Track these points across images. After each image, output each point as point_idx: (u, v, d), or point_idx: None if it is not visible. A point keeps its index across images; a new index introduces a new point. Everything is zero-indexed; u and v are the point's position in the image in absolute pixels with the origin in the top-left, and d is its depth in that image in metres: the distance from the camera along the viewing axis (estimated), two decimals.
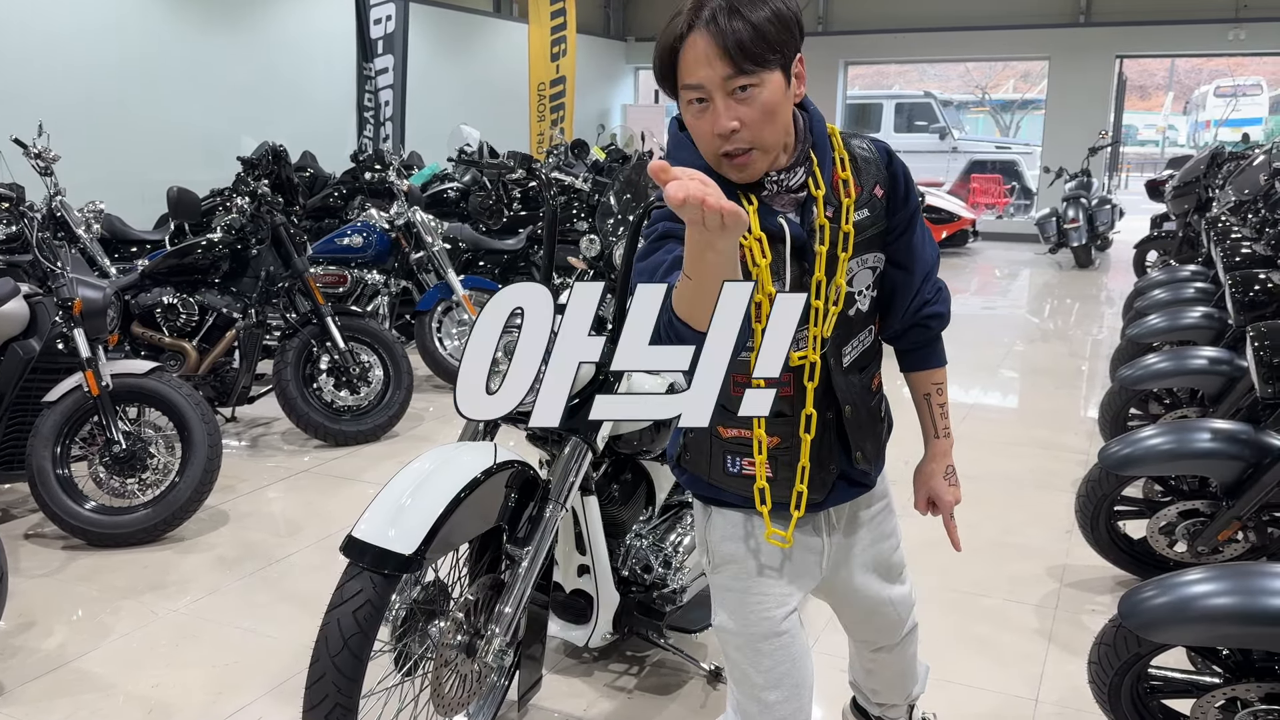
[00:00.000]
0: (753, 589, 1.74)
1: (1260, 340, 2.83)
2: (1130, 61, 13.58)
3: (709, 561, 1.79)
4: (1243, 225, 5.22)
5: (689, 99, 1.43)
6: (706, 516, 1.77)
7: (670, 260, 1.42)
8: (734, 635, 1.76)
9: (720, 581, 1.78)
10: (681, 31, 1.40)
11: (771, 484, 1.64)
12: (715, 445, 1.68)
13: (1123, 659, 2.18)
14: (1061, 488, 4.36)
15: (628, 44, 15.80)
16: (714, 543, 1.76)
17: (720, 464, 1.68)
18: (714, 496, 1.74)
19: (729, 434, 1.65)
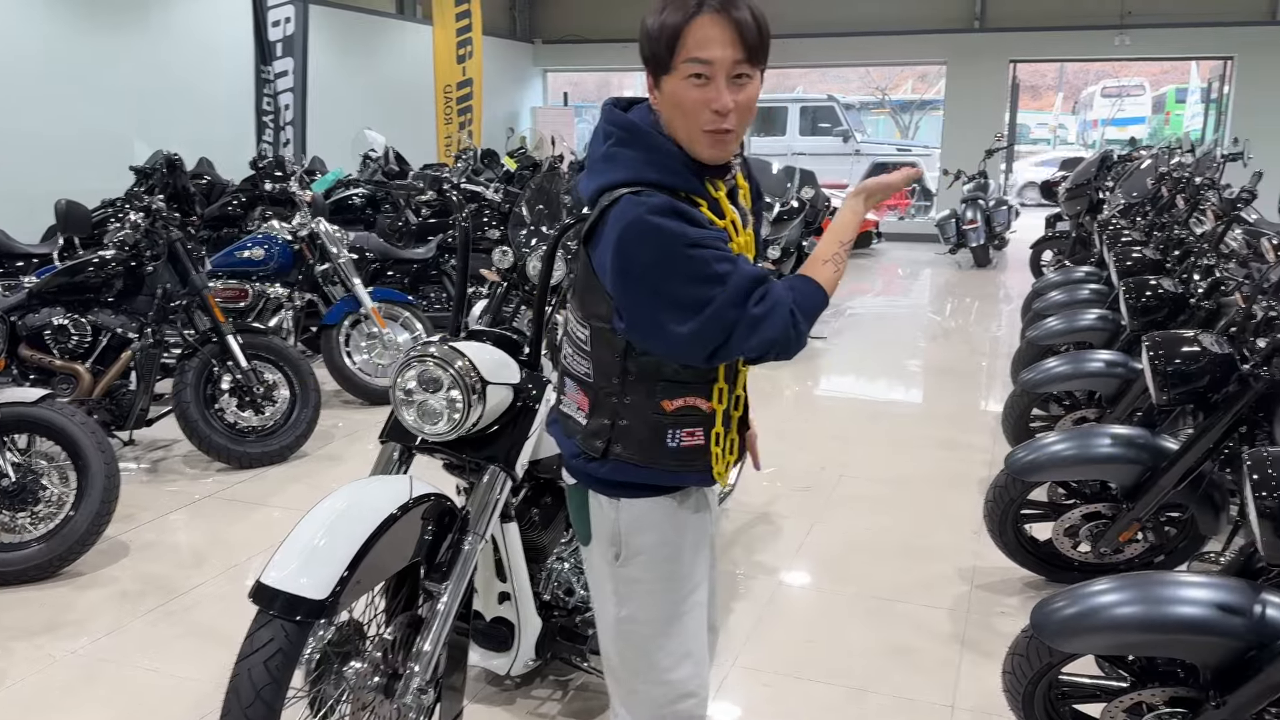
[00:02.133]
0: (671, 575, 1.80)
1: (1155, 350, 2.94)
2: (1022, 64, 14.03)
3: (617, 556, 1.80)
4: (1133, 228, 5.45)
5: (692, 72, 1.56)
6: (615, 510, 1.78)
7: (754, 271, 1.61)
8: (642, 625, 1.81)
9: (629, 574, 1.81)
10: (694, 10, 1.54)
11: (703, 451, 1.74)
12: (656, 422, 1.71)
13: (1035, 668, 2.25)
14: (968, 487, 4.48)
15: (535, 46, 15.69)
16: (626, 534, 1.78)
17: (660, 442, 1.72)
18: (637, 482, 1.76)
19: (674, 406, 1.70)
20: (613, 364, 1.71)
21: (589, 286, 1.70)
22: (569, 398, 1.83)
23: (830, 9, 13.58)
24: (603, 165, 1.67)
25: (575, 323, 1.78)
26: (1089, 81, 27.55)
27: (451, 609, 2.15)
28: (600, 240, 1.64)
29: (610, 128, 1.68)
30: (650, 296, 1.58)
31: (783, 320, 1.59)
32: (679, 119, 1.60)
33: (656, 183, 1.61)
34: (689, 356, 1.63)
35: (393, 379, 2.28)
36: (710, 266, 1.55)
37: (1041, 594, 3.42)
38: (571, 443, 1.81)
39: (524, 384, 2.37)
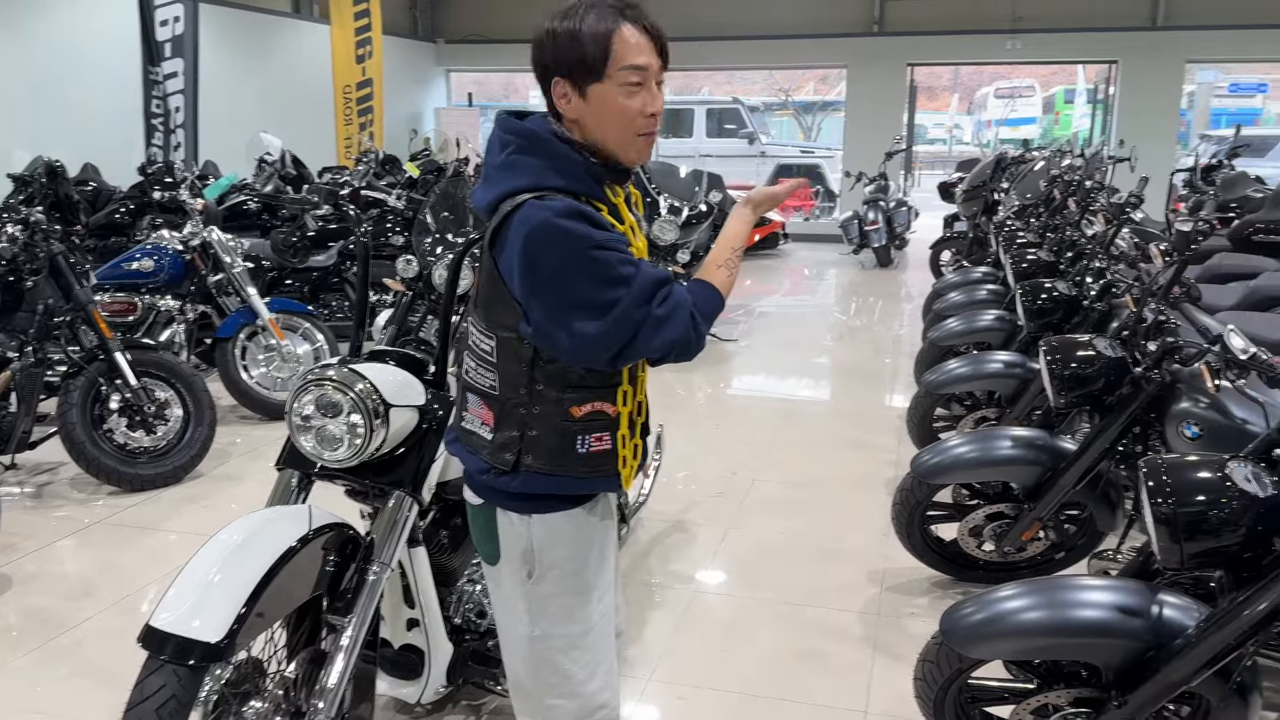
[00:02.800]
0: (582, 588, 1.81)
1: (1052, 354, 3.03)
2: (919, 67, 14.38)
3: (530, 573, 1.79)
4: (1027, 230, 5.62)
5: (631, 80, 1.62)
6: (527, 526, 1.77)
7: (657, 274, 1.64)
8: (556, 640, 1.81)
9: (543, 590, 1.80)
10: (618, 18, 1.60)
11: (611, 456, 1.75)
12: (565, 429, 1.71)
13: (946, 674, 2.28)
14: (876, 488, 4.55)
15: (438, 46, 15.45)
16: (539, 551, 1.77)
17: (570, 449, 1.71)
18: (548, 493, 1.75)
19: (582, 411, 1.70)
20: (520, 374, 1.70)
21: (495, 295, 1.69)
22: (471, 413, 1.80)
23: (734, 13, 13.71)
24: (502, 173, 1.67)
25: (479, 335, 1.76)
26: (983, 83, 28.41)
27: (356, 641, 2.08)
28: (505, 246, 1.63)
29: (508, 136, 1.69)
30: (557, 299, 1.59)
31: (685, 321, 1.63)
32: (612, 125, 1.65)
33: (560, 188, 1.63)
34: (594, 358, 1.63)
35: (289, 404, 2.18)
36: (615, 269, 1.58)
37: (949, 593, 3.50)
38: (477, 459, 1.78)
39: (429, 405, 2.30)
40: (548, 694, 1.85)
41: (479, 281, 1.76)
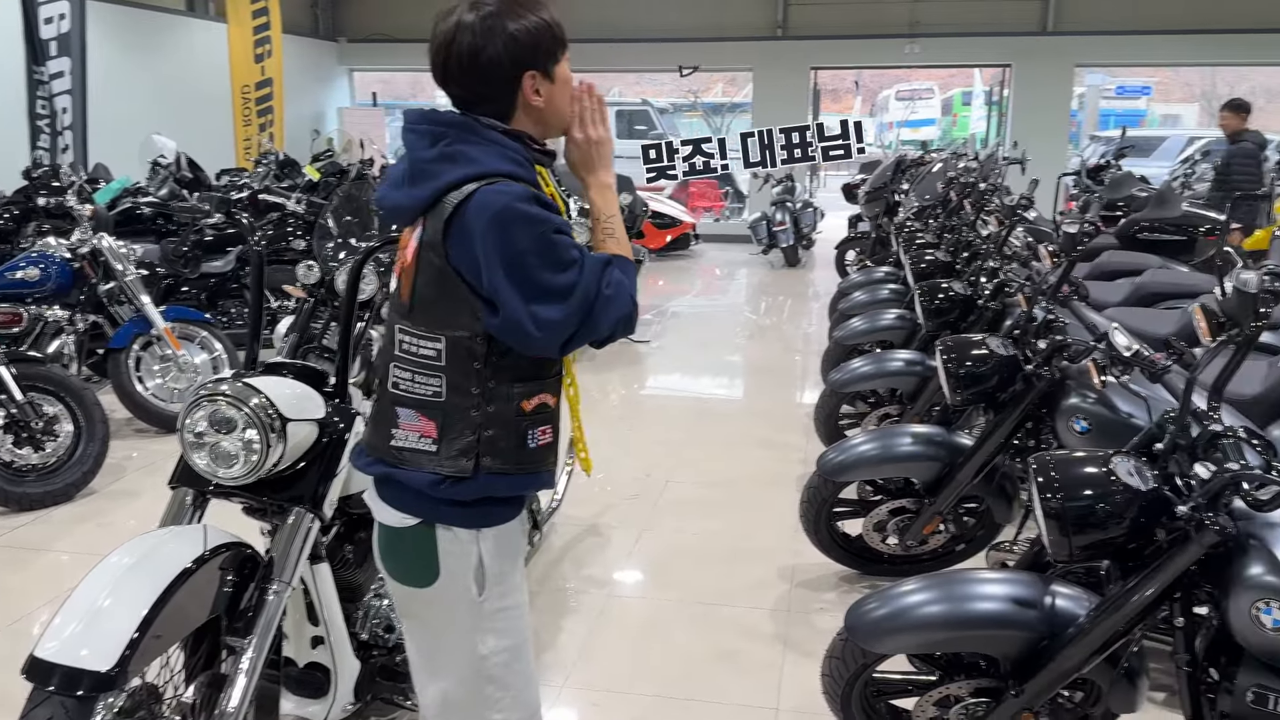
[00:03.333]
0: (520, 596, 1.81)
1: (947, 354, 3.12)
2: (822, 70, 14.65)
3: (481, 590, 1.74)
4: (925, 230, 5.77)
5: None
6: (475, 542, 1.73)
7: (601, 255, 1.67)
8: (501, 654, 1.78)
9: (493, 606, 1.76)
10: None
11: (552, 449, 1.76)
12: (518, 424, 1.70)
13: (851, 669, 2.33)
14: (786, 486, 4.62)
15: (340, 44, 15.13)
16: (490, 565, 1.74)
17: (524, 444, 1.70)
18: (499, 496, 1.72)
19: (531, 405, 1.70)
20: (472, 374, 1.66)
21: (443, 294, 1.64)
22: (404, 429, 1.70)
23: (643, 15, 13.76)
24: (442, 165, 1.63)
25: (417, 340, 1.68)
26: (884, 85, 29.08)
27: (257, 663, 2.02)
28: (463, 238, 1.59)
29: (440, 128, 1.66)
30: (525, 285, 1.57)
31: (627, 296, 1.65)
32: (566, 102, 1.72)
33: (509, 174, 1.61)
34: (552, 344, 1.62)
35: (180, 420, 2.11)
36: (570, 251, 1.60)
37: (856, 588, 3.57)
38: (423, 474, 1.69)
39: (329, 418, 2.25)
40: (491, 710, 1.80)
41: (411, 285, 1.68)
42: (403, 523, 1.75)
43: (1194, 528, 1.79)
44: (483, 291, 1.60)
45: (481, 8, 1.63)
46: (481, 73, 1.63)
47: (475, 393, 1.66)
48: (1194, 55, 13.74)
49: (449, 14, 1.66)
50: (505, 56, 1.62)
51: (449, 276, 1.62)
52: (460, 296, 1.63)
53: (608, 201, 1.77)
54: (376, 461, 1.76)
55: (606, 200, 1.76)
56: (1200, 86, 26.44)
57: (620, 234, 1.76)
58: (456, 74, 1.65)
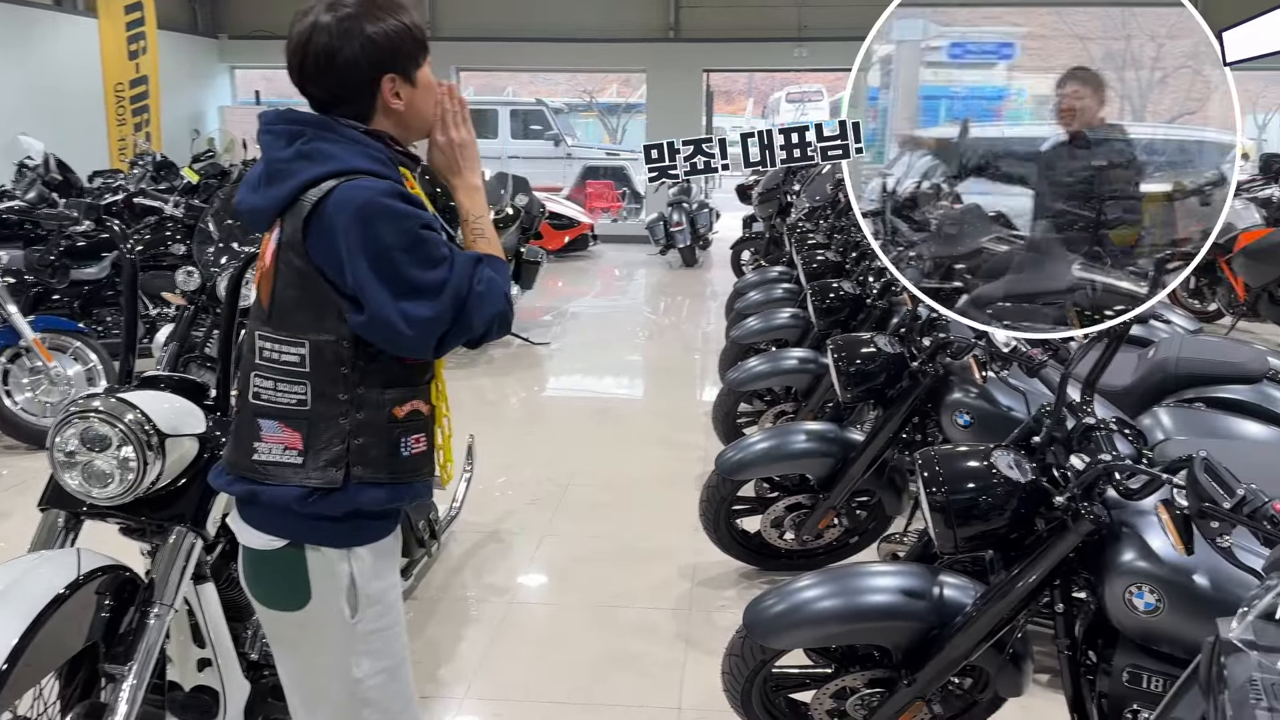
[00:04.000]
0: (395, 614, 1.75)
1: (838, 353, 3.20)
2: (714, 72, 14.84)
3: (354, 612, 1.68)
4: (816, 231, 5.90)
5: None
6: (347, 560, 1.67)
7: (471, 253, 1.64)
8: (378, 675, 1.73)
9: (369, 627, 1.71)
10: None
11: (428, 457, 1.72)
12: (390, 431, 1.65)
13: (750, 666, 2.35)
14: (686, 485, 4.65)
15: (220, 41, 14.61)
16: (363, 586, 1.68)
17: (396, 453, 1.66)
18: (372, 510, 1.67)
19: (404, 411, 1.66)
20: (339, 380, 1.60)
21: (305, 297, 1.59)
22: (267, 441, 1.63)
23: (536, 15, 13.68)
24: (300, 163, 1.59)
25: (278, 347, 1.62)
26: (775, 88, 29.62)
27: (139, 691, 1.94)
28: (323, 234, 1.55)
29: (297, 127, 1.62)
30: (392, 281, 1.53)
31: (500, 293, 1.62)
32: (429, 105, 1.69)
33: (371, 172, 1.58)
34: (426, 345, 1.59)
35: (50, 439, 2.00)
36: (440, 249, 1.56)
37: (755, 584, 3.63)
38: (288, 487, 1.63)
39: (211, 432, 2.17)
40: None
41: (270, 289, 1.63)
42: (268, 545, 1.67)
43: (1070, 517, 1.87)
44: (347, 290, 1.56)
45: (339, 9, 1.59)
46: (338, 74, 1.60)
47: (343, 399, 1.61)
48: None
49: (305, 14, 1.61)
50: (363, 59, 1.60)
51: (310, 277, 1.58)
52: (323, 298, 1.58)
53: (475, 203, 1.74)
54: (238, 479, 1.68)
55: (474, 201, 1.74)
56: None
57: (490, 234, 1.73)
58: (313, 75, 1.62)
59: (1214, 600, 1.71)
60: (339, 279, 1.56)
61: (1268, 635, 0.94)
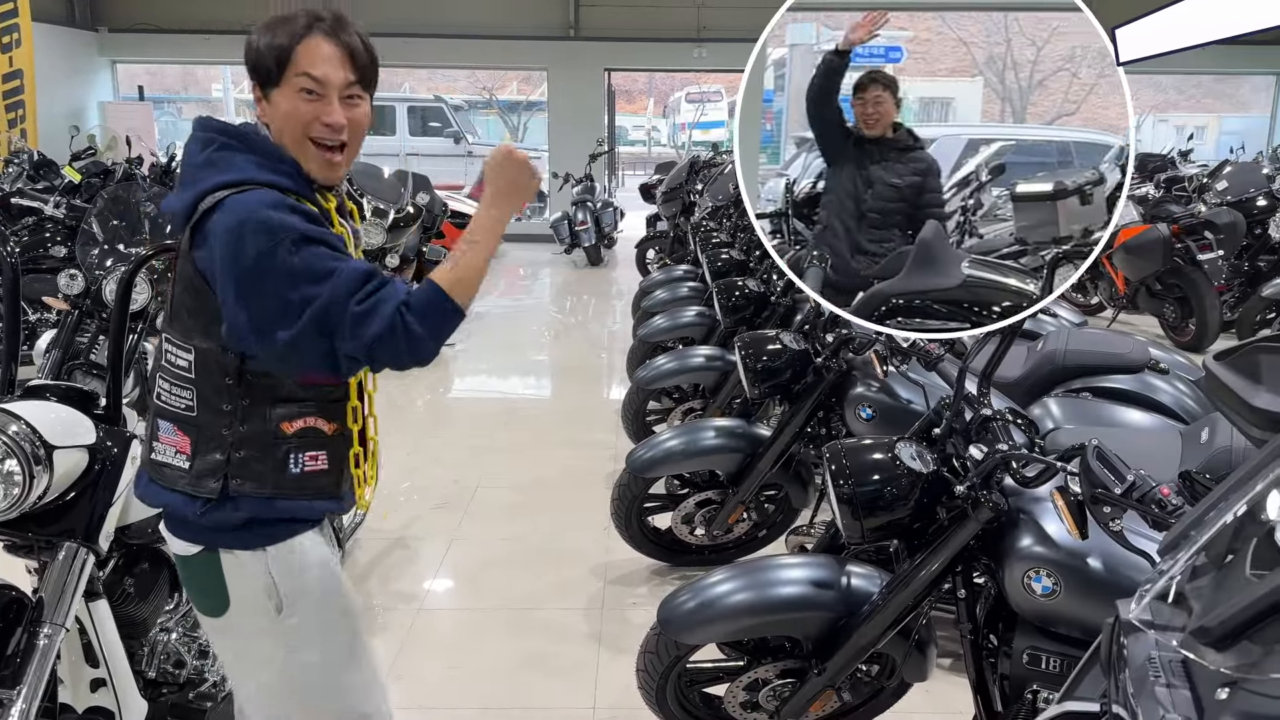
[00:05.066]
0: (342, 602, 1.75)
1: (745, 349, 3.24)
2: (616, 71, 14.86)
3: (279, 608, 1.67)
4: (720, 230, 5.97)
5: (303, 86, 1.60)
6: (262, 561, 1.66)
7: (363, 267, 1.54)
8: (320, 667, 1.72)
9: (298, 622, 1.69)
10: (303, 30, 1.59)
11: (328, 475, 1.68)
12: (276, 447, 1.62)
13: (665, 662, 2.37)
14: (596, 484, 4.66)
15: (100, 34, 13.97)
16: (283, 582, 1.67)
17: (283, 469, 1.63)
18: (273, 517, 1.65)
19: (294, 428, 1.63)
20: (223, 390, 1.59)
21: (194, 303, 1.58)
22: (163, 442, 1.65)
23: (434, 10, 13.48)
24: (204, 171, 1.58)
25: (174, 349, 1.63)
26: (676, 87, 29.84)
27: (29, 714, 1.84)
28: (206, 242, 1.54)
29: (211, 135, 1.62)
30: (256, 297, 1.51)
31: (388, 315, 1.50)
32: (286, 130, 1.62)
33: (269, 184, 1.56)
34: (286, 365, 1.56)
35: None
36: (322, 262, 1.52)
37: (667, 580, 3.65)
38: (177, 495, 1.64)
39: (101, 443, 2.07)
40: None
41: (173, 291, 1.64)
42: (187, 551, 1.69)
43: (971, 505, 1.94)
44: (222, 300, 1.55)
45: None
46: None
47: (226, 410, 1.60)
48: None
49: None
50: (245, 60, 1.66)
51: (197, 284, 1.58)
52: (208, 306, 1.57)
53: (478, 221, 1.68)
54: (151, 483, 1.70)
55: (478, 220, 1.69)
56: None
57: (466, 260, 1.63)
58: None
59: (1108, 583, 1.79)
60: (214, 288, 1.56)
61: (1164, 615, 0.99)
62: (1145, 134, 26.14)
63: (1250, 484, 1.02)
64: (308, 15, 1.63)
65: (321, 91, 1.61)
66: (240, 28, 15.09)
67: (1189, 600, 0.99)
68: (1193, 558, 1.02)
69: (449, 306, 1.59)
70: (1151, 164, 10.61)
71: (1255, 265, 7.47)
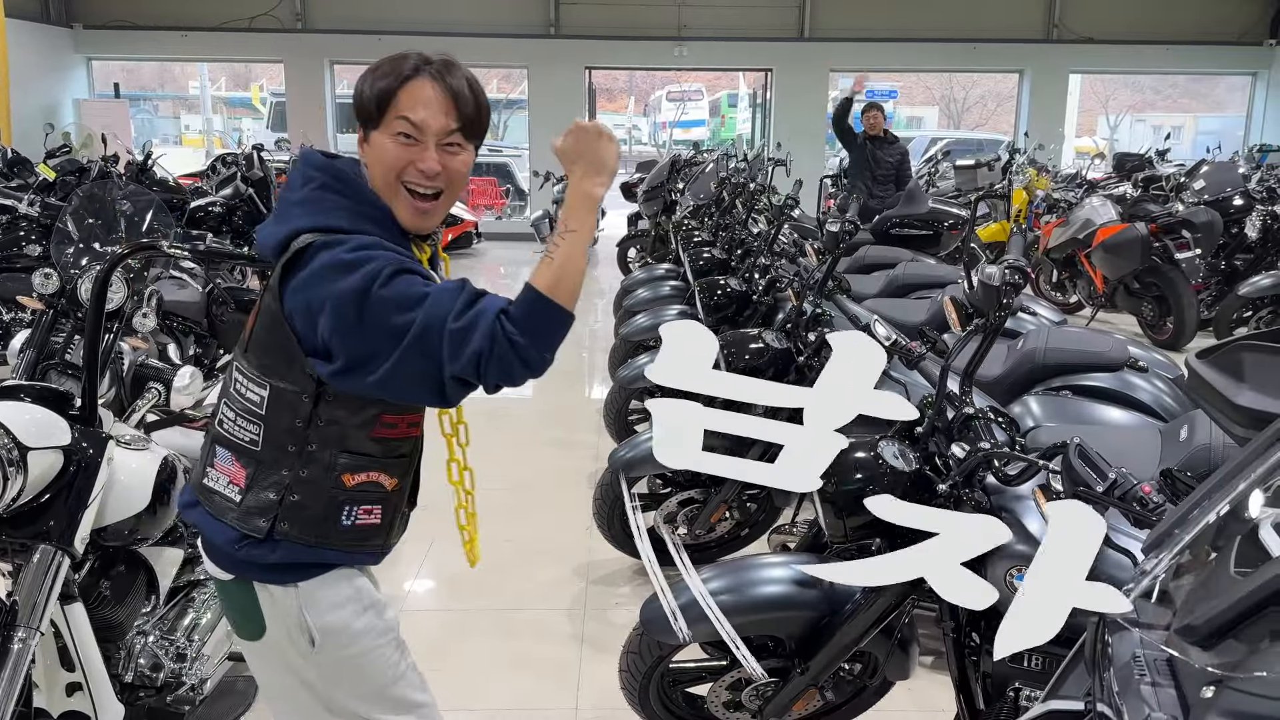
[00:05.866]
0: (370, 640, 1.68)
1: (728, 348, 3.24)
2: (596, 70, 14.84)
3: (311, 645, 1.64)
4: (702, 228, 5.97)
5: (399, 129, 1.54)
6: (294, 596, 1.62)
7: (454, 284, 1.48)
8: (364, 701, 1.70)
9: (333, 656, 1.66)
10: (409, 73, 1.54)
11: (378, 531, 1.66)
12: (333, 498, 1.59)
13: (648, 663, 2.37)
14: (577, 484, 4.65)
15: (75, 31, 13.83)
16: (314, 620, 1.63)
17: (334, 520, 1.60)
18: (311, 562, 1.62)
19: (355, 480, 1.60)
20: (292, 431, 1.56)
21: (274, 341, 1.55)
22: (218, 469, 1.63)
23: (413, 8, 13.44)
24: (300, 209, 1.55)
25: (246, 381, 1.59)
26: (656, 86, 29.85)
27: (3, 719, 1.81)
28: (297, 290, 1.50)
29: (312, 172, 1.58)
30: (355, 335, 1.46)
31: (488, 328, 1.42)
32: (380, 172, 1.57)
33: (363, 232, 1.53)
34: (398, 394, 1.52)
35: None
36: (414, 288, 1.46)
37: (649, 581, 3.64)
38: (223, 525, 1.61)
39: (77, 444, 2.04)
40: None
41: (252, 324, 1.60)
42: (222, 575, 1.67)
43: (953, 504, 1.94)
44: (316, 342, 1.50)
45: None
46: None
47: (291, 451, 1.57)
48: (928, 62, 14.94)
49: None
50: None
51: (280, 324, 1.54)
52: (289, 348, 1.54)
53: (570, 210, 1.53)
54: (194, 504, 1.68)
55: (571, 209, 1.53)
56: (939, 90, 28.92)
57: (561, 257, 1.49)
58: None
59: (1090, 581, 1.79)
60: (307, 332, 1.51)
61: (1148, 613, 0.99)
62: (1123, 133, 26.40)
63: (1233, 482, 1.02)
64: (417, 57, 1.57)
65: (418, 137, 1.55)
66: (217, 24, 14.96)
67: (1173, 598, 0.99)
68: (1177, 556, 1.02)
69: (552, 309, 1.47)
70: (1129, 163, 10.71)
71: (1232, 264, 7.54)
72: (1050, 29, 13.85)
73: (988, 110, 28.44)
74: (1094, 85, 24.13)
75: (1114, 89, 27.19)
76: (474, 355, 1.42)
